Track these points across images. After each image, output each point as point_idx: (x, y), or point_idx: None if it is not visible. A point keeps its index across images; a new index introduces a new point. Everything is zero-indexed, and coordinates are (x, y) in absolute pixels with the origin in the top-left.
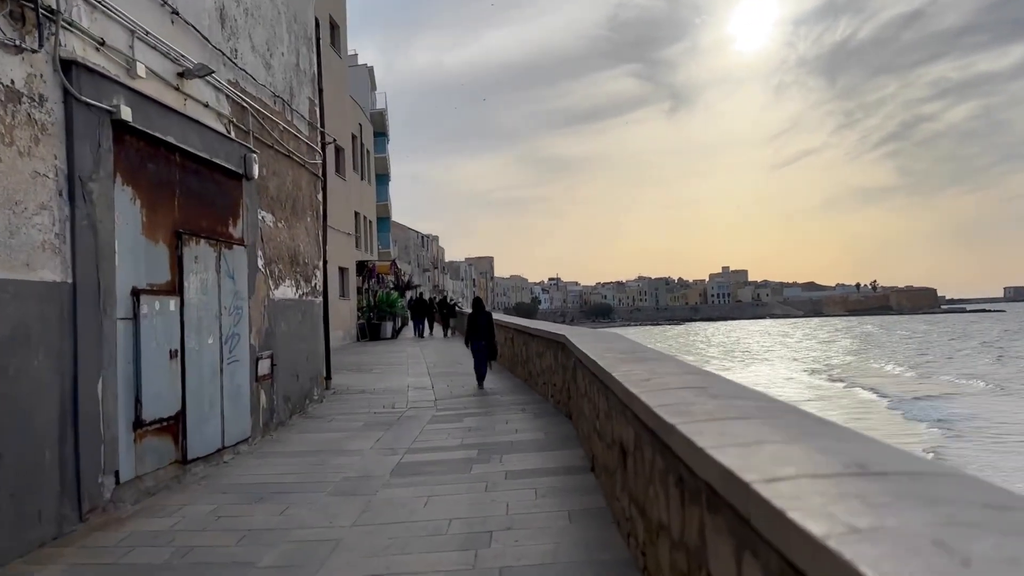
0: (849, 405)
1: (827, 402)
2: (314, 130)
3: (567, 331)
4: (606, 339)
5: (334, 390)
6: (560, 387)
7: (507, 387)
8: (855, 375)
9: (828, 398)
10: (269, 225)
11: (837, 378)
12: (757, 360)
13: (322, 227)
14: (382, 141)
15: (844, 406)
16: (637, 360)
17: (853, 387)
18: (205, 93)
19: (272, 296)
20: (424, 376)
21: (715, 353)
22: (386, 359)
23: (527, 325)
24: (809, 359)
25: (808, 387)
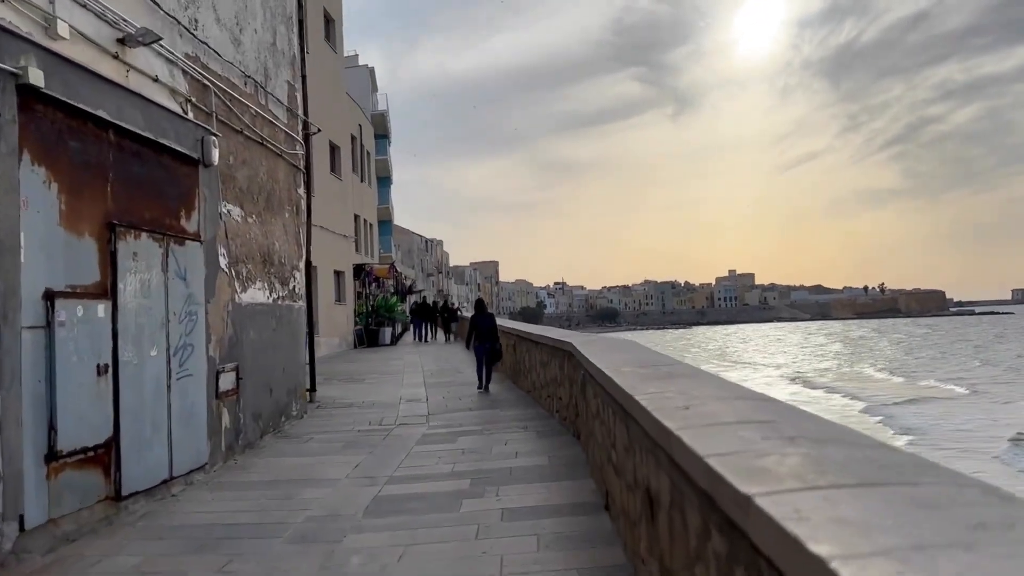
0: (820, 410)
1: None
2: (294, 118)
3: (574, 338)
4: (619, 347)
5: (318, 403)
6: (567, 402)
7: (508, 399)
8: (836, 380)
9: (804, 404)
10: (236, 220)
11: (816, 384)
12: (741, 364)
13: (305, 225)
14: (383, 143)
15: (817, 411)
16: (664, 377)
17: (832, 392)
18: (155, 65)
19: (238, 300)
20: (419, 387)
21: (704, 357)
22: (381, 367)
23: (530, 331)
24: (796, 362)
25: (787, 393)
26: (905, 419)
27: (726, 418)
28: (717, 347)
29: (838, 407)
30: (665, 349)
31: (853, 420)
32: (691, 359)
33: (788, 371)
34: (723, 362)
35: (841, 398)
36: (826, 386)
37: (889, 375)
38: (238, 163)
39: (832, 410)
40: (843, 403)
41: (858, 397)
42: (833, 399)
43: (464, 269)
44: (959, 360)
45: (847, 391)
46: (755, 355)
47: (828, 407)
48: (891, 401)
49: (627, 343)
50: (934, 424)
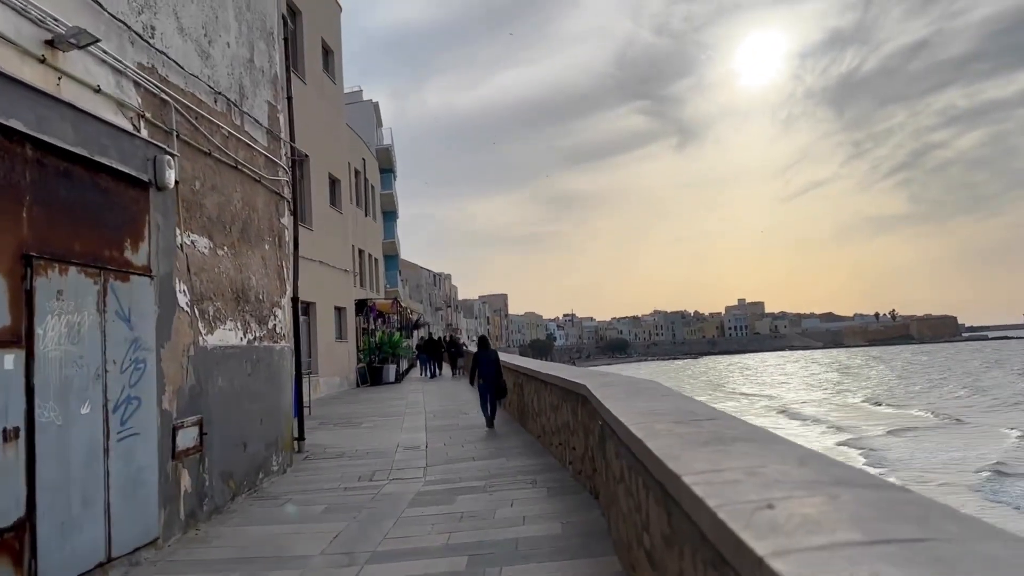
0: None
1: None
2: (276, 141)
3: (589, 379)
4: (643, 391)
5: (307, 454)
6: (581, 453)
7: (515, 446)
8: (822, 410)
9: (786, 436)
10: (202, 252)
11: (801, 415)
12: (737, 395)
13: (291, 257)
14: (388, 178)
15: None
16: (714, 441)
17: (817, 423)
18: (97, 74)
19: (203, 343)
20: (420, 431)
21: (700, 387)
22: (382, 408)
23: (537, 370)
24: (790, 392)
25: (770, 423)
26: (885, 451)
27: (842, 531)
28: (715, 377)
29: (814, 437)
30: (663, 381)
31: (832, 454)
32: (689, 390)
33: (778, 402)
34: (717, 393)
35: (824, 429)
36: (812, 417)
37: (875, 405)
38: (206, 188)
39: (811, 442)
40: (821, 434)
41: (841, 428)
42: (814, 431)
43: (473, 303)
44: (951, 388)
45: (830, 422)
46: (748, 384)
47: (808, 439)
48: (873, 432)
49: (651, 385)
50: (911, 457)
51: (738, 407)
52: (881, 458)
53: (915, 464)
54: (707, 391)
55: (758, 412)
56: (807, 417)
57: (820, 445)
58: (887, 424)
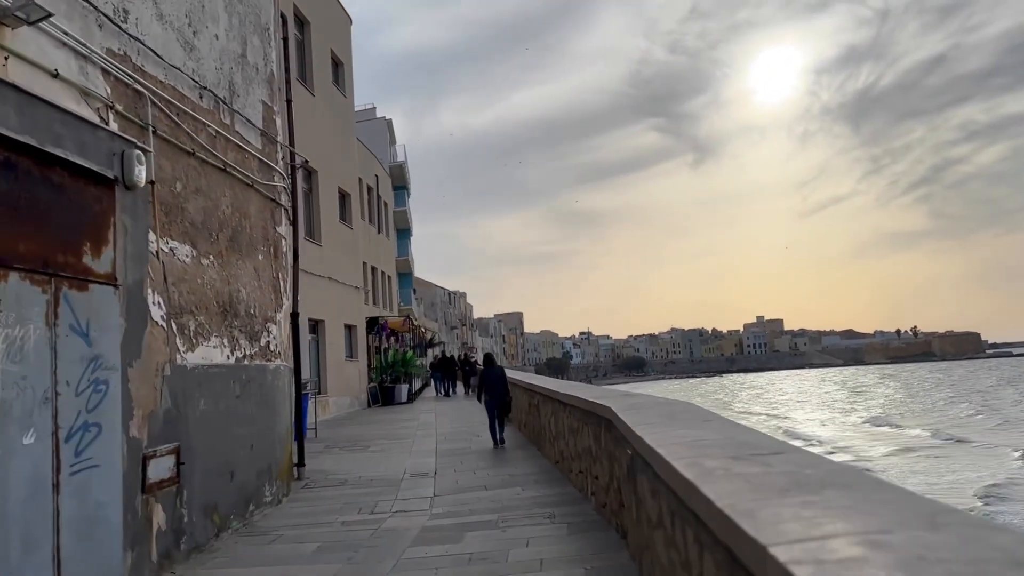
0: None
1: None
2: (272, 144)
3: (614, 401)
4: (680, 415)
5: (307, 481)
6: (605, 484)
7: (531, 473)
8: (824, 429)
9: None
10: (182, 260)
11: (801, 435)
12: (744, 415)
13: (291, 269)
14: (402, 195)
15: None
16: (795, 486)
17: (813, 444)
18: (55, 57)
19: (181, 361)
20: (429, 455)
21: (707, 407)
22: (392, 430)
23: (555, 390)
24: (790, 411)
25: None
26: (882, 473)
27: None
28: (725, 396)
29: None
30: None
31: None
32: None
33: (781, 422)
34: (724, 412)
35: (825, 451)
36: (813, 437)
37: (877, 426)
38: (189, 191)
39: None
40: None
41: (840, 448)
42: (812, 451)
43: (488, 321)
44: (961, 407)
45: (832, 442)
46: (757, 404)
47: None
48: (872, 453)
49: (687, 407)
50: (905, 480)
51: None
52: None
53: (912, 486)
54: (716, 411)
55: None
56: (809, 437)
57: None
58: (887, 444)
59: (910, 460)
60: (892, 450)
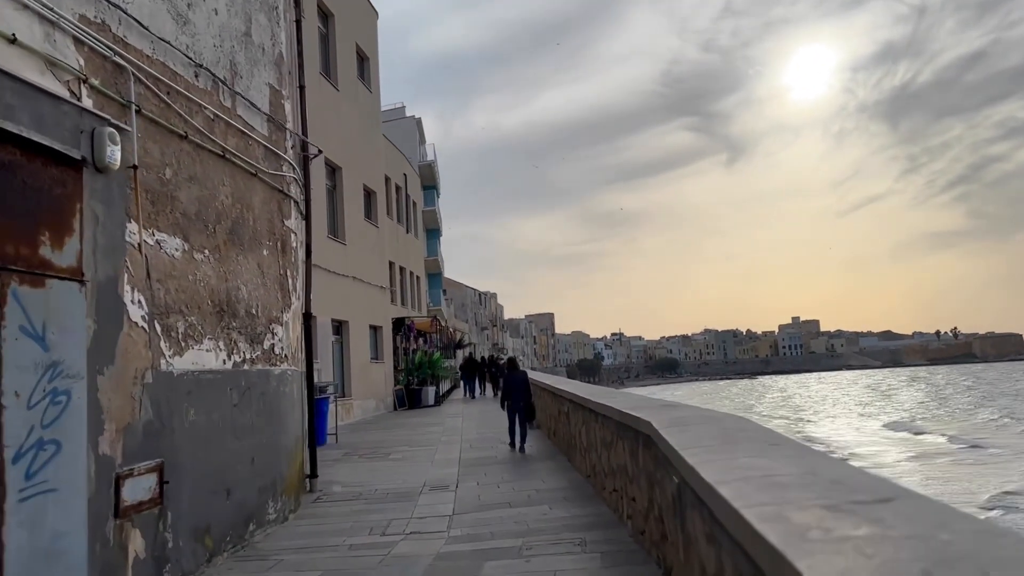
0: None
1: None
2: (280, 131)
3: (652, 412)
4: (737, 435)
5: (319, 494)
6: (644, 509)
7: (559, 488)
8: (836, 435)
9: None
10: (170, 254)
11: (814, 438)
12: (760, 418)
13: (302, 266)
14: (431, 194)
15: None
16: (939, 564)
17: (830, 450)
18: (13, 20)
19: (166, 367)
20: (452, 465)
21: (728, 409)
22: (416, 436)
23: (586, 397)
24: (811, 415)
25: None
26: (895, 480)
27: None
28: (749, 400)
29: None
30: (695, 402)
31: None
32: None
33: (796, 426)
34: (745, 414)
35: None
36: (823, 441)
37: (896, 431)
38: (181, 178)
39: None
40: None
41: (854, 455)
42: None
43: (519, 322)
44: (987, 412)
45: (846, 447)
46: (782, 408)
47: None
48: (886, 459)
49: (741, 424)
50: (919, 485)
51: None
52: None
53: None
54: (741, 415)
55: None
56: (825, 441)
57: None
58: (903, 450)
59: (923, 465)
60: (908, 456)
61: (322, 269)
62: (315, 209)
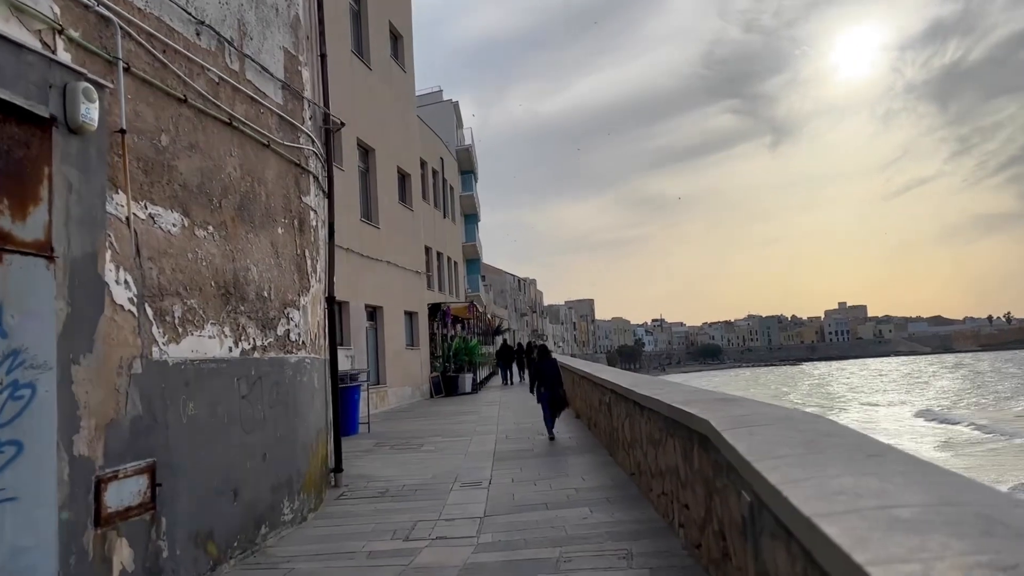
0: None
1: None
2: (296, 100)
3: (708, 408)
4: (824, 440)
5: (344, 489)
6: (700, 519)
7: (600, 485)
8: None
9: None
10: (166, 230)
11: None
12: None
13: (324, 246)
14: (469, 179)
15: None
16: None
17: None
18: None
19: (159, 355)
20: (486, 458)
21: (761, 395)
22: (450, 425)
23: (629, 388)
24: (841, 403)
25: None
26: None
27: None
28: (784, 388)
29: None
30: (732, 389)
31: None
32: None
33: (831, 416)
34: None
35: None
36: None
37: (928, 420)
38: (180, 147)
39: None
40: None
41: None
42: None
43: (559, 308)
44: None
45: (868, 433)
46: (813, 396)
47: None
48: (909, 446)
49: (827, 426)
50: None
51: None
52: None
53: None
54: (774, 403)
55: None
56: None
57: None
58: (928, 439)
59: (949, 455)
60: (934, 444)
61: (355, 253)
62: (347, 192)
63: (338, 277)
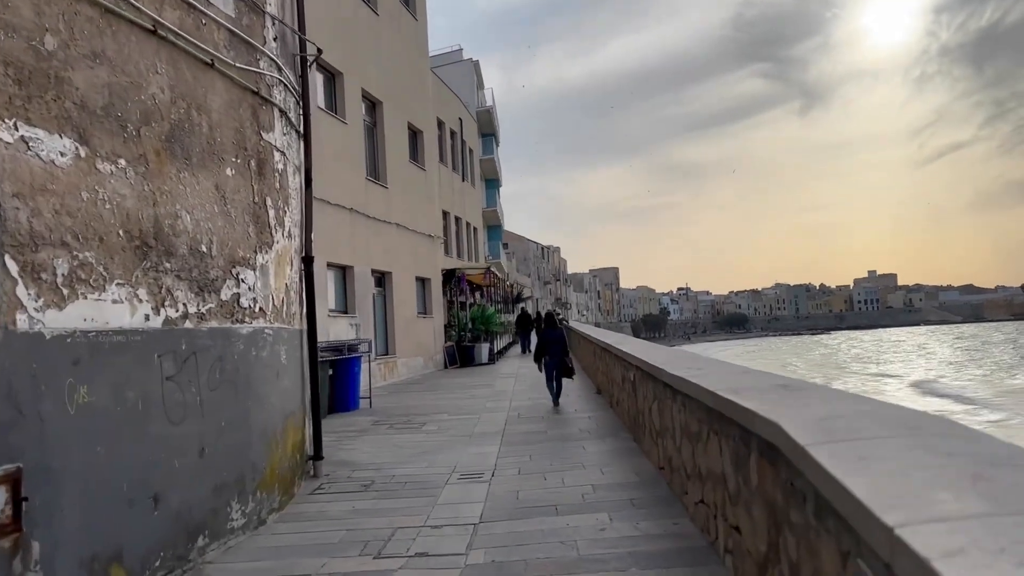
0: None
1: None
2: (255, 14)
3: (766, 397)
4: (975, 464)
5: (324, 479)
6: (759, 553)
7: (623, 482)
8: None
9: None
10: (45, 159)
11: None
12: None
13: (299, 198)
14: (490, 142)
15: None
16: None
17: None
18: None
19: (27, 325)
20: (493, 442)
21: (765, 365)
22: (460, 401)
23: (659, 367)
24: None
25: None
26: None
27: None
28: (791, 358)
29: None
30: (744, 360)
31: None
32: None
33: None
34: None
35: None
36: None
37: (918, 390)
38: (75, 53)
39: None
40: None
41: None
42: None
43: (583, 276)
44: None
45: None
46: (820, 368)
47: None
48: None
49: (962, 435)
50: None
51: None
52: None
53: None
54: (777, 373)
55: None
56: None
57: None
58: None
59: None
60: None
61: (360, 214)
62: (350, 147)
63: (342, 240)
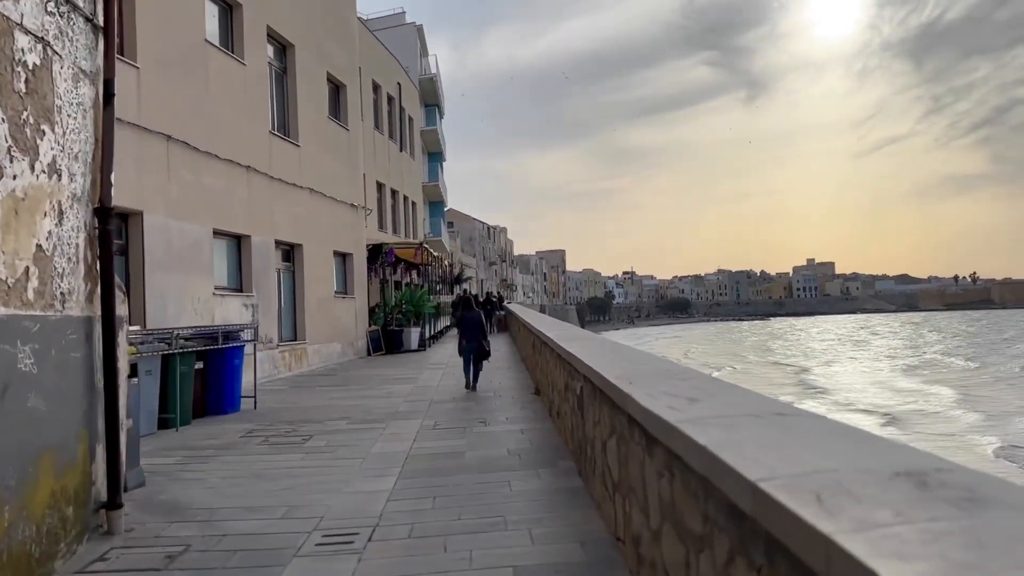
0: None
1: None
2: None
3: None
4: None
5: (119, 539)
6: None
7: (562, 562)
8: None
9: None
10: None
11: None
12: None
13: (89, 119)
14: (433, 113)
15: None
16: None
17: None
18: None
19: None
20: (390, 472)
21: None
22: (369, 400)
23: (625, 391)
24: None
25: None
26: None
27: None
28: (734, 348)
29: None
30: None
31: None
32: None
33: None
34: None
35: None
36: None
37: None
38: None
39: None
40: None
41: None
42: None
43: (529, 258)
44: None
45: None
46: (755, 353)
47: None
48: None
49: None
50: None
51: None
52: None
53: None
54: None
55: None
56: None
57: None
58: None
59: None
60: (829, 409)
61: (261, 174)
62: (250, 92)
63: (235, 203)
